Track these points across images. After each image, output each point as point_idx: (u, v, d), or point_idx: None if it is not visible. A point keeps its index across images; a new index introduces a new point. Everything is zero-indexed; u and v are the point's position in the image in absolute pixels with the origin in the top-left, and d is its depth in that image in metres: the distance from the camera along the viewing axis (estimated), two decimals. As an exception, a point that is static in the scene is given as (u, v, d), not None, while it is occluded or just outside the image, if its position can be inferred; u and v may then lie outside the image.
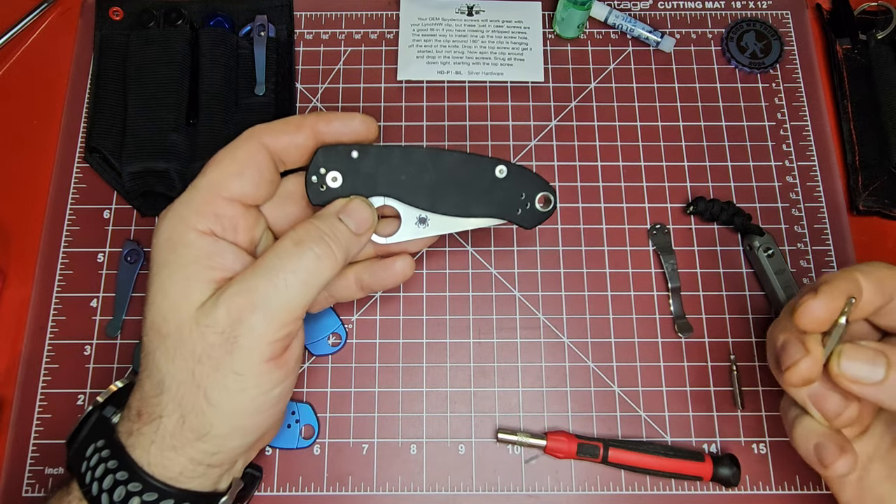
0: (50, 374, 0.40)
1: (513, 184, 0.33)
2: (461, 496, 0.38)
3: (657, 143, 0.45)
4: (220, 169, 0.29)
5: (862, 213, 0.44)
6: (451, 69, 0.47)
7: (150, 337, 0.28)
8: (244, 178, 0.29)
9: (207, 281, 0.28)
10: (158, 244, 0.29)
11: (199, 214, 0.28)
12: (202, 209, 0.29)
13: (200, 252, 0.28)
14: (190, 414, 0.27)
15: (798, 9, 0.49)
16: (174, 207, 0.29)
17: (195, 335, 0.27)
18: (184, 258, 0.28)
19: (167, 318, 0.27)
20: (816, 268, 0.43)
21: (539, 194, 0.34)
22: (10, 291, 0.42)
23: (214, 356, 0.27)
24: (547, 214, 0.34)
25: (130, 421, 0.28)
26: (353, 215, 0.31)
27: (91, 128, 0.44)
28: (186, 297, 0.27)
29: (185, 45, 0.44)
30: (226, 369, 0.27)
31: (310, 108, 0.46)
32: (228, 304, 0.27)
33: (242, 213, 0.30)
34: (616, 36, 0.48)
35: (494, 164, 0.33)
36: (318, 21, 0.49)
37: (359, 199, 0.32)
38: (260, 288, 0.27)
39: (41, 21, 0.48)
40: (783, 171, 0.45)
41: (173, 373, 0.27)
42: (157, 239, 0.29)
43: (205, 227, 0.28)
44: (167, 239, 0.28)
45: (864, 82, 0.46)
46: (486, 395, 0.40)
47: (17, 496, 0.38)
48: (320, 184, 0.32)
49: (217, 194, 0.29)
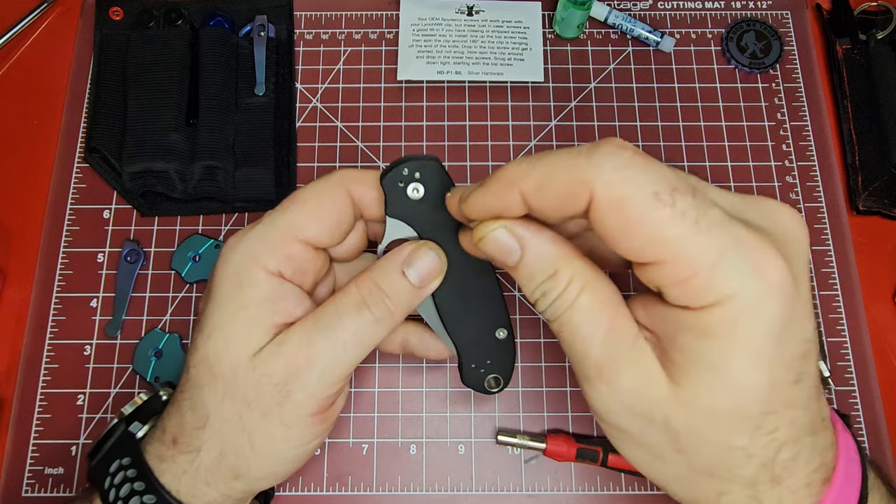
0: (50, 374, 0.40)
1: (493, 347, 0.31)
2: (461, 496, 0.38)
3: (657, 143, 0.45)
4: (304, 211, 0.28)
5: (862, 213, 0.44)
6: (451, 69, 0.47)
7: (200, 371, 0.27)
8: (324, 225, 0.28)
9: (269, 325, 0.27)
10: (224, 276, 0.27)
11: (272, 254, 0.27)
12: (276, 248, 0.27)
13: (267, 294, 0.27)
14: (230, 453, 0.27)
15: (798, 9, 0.49)
16: (246, 240, 0.28)
17: (249, 381, 0.26)
18: (249, 298, 0.27)
19: (222, 357, 0.27)
20: (816, 268, 0.43)
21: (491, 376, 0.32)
22: (10, 291, 0.42)
23: (265, 404, 0.27)
24: (484, 391, 0.32)
25: (164, 445, 0.28)
26: (419, 267, 0.28)
27: (91, 128, 0.44)
28: (246, 340, 0.27)
29: (185, 45, 0.44)
30: (274, 419, 0.27)
31: (310, 108, 0.46)
32: (288, 358, 0.26)
33: (313, 256, 0.29)
34: (616, 36, 0.48)
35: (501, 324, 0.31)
36: (318, 21, 0.49)
37: (427, 247, 0.29)
38: (319, 346, 0.27)
39: (41, 21, 0.48)
40: (783, 171, 0.45)
41: (220, 412, 0.27)
42: (223, 269, 0.28)
43: (274, 267, 0.27)
44: (235, 273, 0.27)
45: (864, 82, 0.46)
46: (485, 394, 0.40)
47: (17, 496, 0.38)
48: (402, 191, 0.28)
49: (294, 236, 0.28)
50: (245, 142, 0.43)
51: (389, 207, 0.29)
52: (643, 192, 0.20)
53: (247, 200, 0.43)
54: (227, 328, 0.27)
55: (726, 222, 0.21)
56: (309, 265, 0.29)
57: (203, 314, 0.28)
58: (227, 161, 0.42)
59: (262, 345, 0.27)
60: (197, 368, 0.27)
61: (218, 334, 0.27)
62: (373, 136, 0.46)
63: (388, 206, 0.29)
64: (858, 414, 0.40)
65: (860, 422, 0.40)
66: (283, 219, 0.28)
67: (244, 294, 0.27)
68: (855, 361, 0.41)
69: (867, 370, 0.41)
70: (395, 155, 0.45)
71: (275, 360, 0.26)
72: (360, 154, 0.45)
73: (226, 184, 0.42)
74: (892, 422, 0.40)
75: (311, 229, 0.28)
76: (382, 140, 0.45)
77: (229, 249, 0.28)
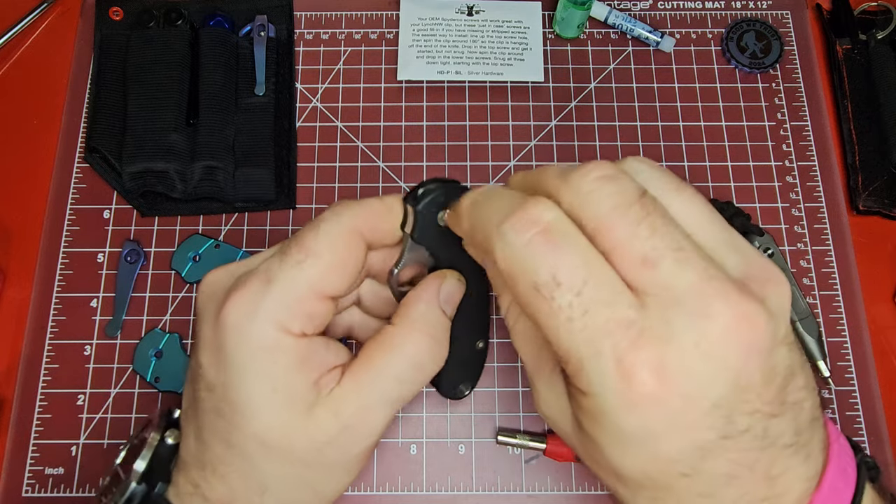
0: (50, 374, 0.40)
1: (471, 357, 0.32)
2: (461, 496, 0.38)
3: (657, 143, 0.45)
4: (322, 266, 0.26)
5: (862, 213, 0.44)
6: (451, 69, 0.47)
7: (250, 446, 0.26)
8: (345, 277, 0.27)
9: (310, 385, 0.26)
10: (248, 349, 0.25)
11: (295, 316, 0.26)
12: (298, 311, 0.26)
13: (299, 356, 0.26)
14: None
15: (798, 9, 0.49)
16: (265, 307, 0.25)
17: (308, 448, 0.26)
18: (282, 366, 0.26)
19: (273, 428, 0.26)
20: (816, 268, 0.43)
21: (463, 384, 0.33)
22: (10, 291, 0.42)
23: (328, 463, 0.27)
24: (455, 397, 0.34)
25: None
26: (452, 299, 0.29)
27: (91, 128, 0.44)
28: (293, 409, 0.26)
29: (185, 45, 0.44)
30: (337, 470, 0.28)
31: (310, 108, 0.46)
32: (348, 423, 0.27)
33: (331, 305, 0.27)
34: (616, 36, 0.48)
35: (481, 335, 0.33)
36: (318, 21, 0.49)
37: (457, 280, 0.29)
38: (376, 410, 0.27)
39: (41, 21, 0.48)
40: (783, 171, 0.45)
41: (280, 476, 0.27)
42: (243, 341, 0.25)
43: (299, 329, 0.26)
44: (260, 347, 0.25)
45: (864, 82, 0.46)
46: (486, 395, 0.40)
47: (17, 496, 0.38)
48: (433, 216, 0.27)
49: (315, 295, 0.26)
50: (245, 142, 0.43)
51: (418, 233, 0.27)
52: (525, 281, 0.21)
53: (247, 200, 0.43)
54: (272, 403, 0.26)
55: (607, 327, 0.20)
56: (330, 315, 0.28)
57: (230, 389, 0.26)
58: (227, 161, 0.42)
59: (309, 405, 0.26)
60: (246, 444, 0.26)
61: (264, 413, 0.26)
62: (373, 136, 0.46)
63: (417, 231, 0.27)
64: (858, 414, 0.40)
65: (860, 422, 0.40)
66: (301, 277, 0.26)
67: (277, 363, 0.26)
68: (855, 361, 0.41)
69: (867, 370, 0.41)
70: (396, 155, 0.45)
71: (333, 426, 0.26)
72: (360, 154, 0.45)
73: (226, 184, 0.42)
74: (892, 422, 0.40)
75: (333, 284, 0.26)
76: (382, 140, 0.45)
77: (246, 319, 0.25)
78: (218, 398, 0.26)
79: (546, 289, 0.20)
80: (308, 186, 0.44)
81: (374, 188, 0.44)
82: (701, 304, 0.19)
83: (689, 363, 0.19)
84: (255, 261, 0.28)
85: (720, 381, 0.19)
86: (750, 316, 0.20)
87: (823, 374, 0.40)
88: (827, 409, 0.40)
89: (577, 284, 0.20)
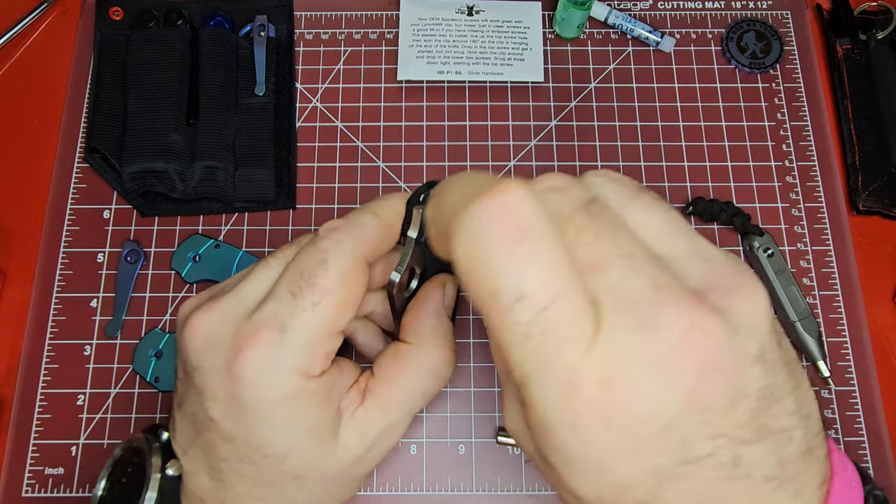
0: (50, 374, 0.40)
1: None
2: (461, 496, 0.38)
3: (657, 143, 0.45)
4: (335, 304, 0.25)
5: (862, 213, 0.44)
6: (451, 69, 0.47)
7: (281, 482, 0.26)
8: (355, 308, 0.26)
9: (334, 415, 0.27)
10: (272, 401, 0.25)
11: (315, 360, 0.25)
12: (317, 352, 0.25)
13: (322, 395, 0.26)
14: None
15: (798, 9, 0.49)
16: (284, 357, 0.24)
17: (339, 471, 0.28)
18: (308, 409, 0.26)
19: (305, 468, 0.27)
20: (816, 268, 0.43)
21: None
22: (10, 291, 0.42)
23: (353, 476, 0.29)
24: None
25: None
26: (451, 305, 0.30)
27: (91, 128, 0.44)
28: (322, 442, 0.27)
29: (185, 45, 0.44)
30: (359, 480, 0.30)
31: (310, 108, 0.46)
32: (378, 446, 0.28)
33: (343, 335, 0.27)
34: (616, 36, 0.48)
35: None
36: (318, 21, 0.49)
37: (454, 285, 0.31)
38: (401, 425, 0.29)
39: (41, 21, 0.48)
40: (783, 171, 0.45)
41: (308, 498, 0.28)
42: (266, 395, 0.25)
43: (319, 370, 0.26)
44: (285, 397, 0.25)
45: (864, 82, 0.46)
46: (486, 395, 0.40)
47: (17, 496, 0.38)
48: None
49: (330, 334, 0.26)
50: (245, 142, 0.43)
51: (423, 236, 0.27)
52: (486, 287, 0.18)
53: (247, 200, 0.43)
54: (302, 443, 0.26)
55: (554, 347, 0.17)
56: (340, 342, 0.27)
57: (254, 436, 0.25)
58: (227, 161, 0.42)
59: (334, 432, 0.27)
60: (277, 481, 0.26)
61: (294, 454, 0.26)
62: (373, 136, 0.46)
63: (423, 234, 0.27)
64: (858, 414, 0.40)
65: (860, 422, 0.40)
66: (316, 321, 0.25)
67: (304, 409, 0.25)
68: (855, 361, 0.41)
69: (867, 370, 0.41)
70: (396, 155, 0.45)
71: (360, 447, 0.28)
72: (359, 154, 0.45)
73: (226, 184, 0.42)
74: (892, 422, 0.40)
75: (345, 319, 0.26)
76: (382, 140, 0.45)
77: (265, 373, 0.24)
78: (241, 446, 0.26)
79: (506, 298, 0.17)
80: (308, 186, 0.44)
81: (374, 188, 0.44)
82: (650, 314, 0.17)
83: (637, 378, 0.17)
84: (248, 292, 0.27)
85: (672, 399, 0.17)
86: (705, 328, 0.17)
87: (823, 374, 0.40)
88: (827, 410, 0.40)
89: (544, 301, 0.17)
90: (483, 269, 0.18)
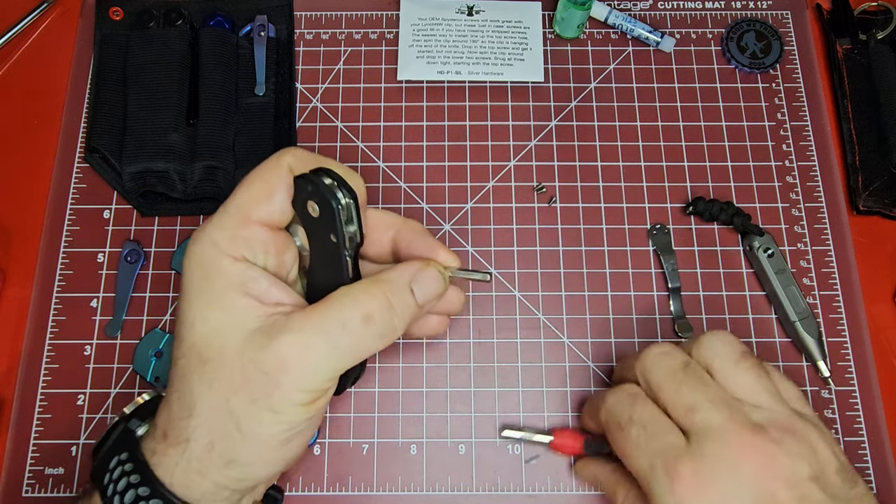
0: (50, 374, 0.40)
1: None
2: (461, 496, 0.38)
3: (657, 143, 0.45)
4: (251, 192, 0.29)
5: (862, 213, 0.44)
6: (451, 69, 0.47)
7: (188, 360, 0.27)
8: (273, 202, 0.29)
9: (246, 308, 0.27)
10: (191, 268, 0.28)
11: (232, 240, 0.28)
12: (234, 234, 0.28)
13: (236, 279, 0.28)
14: (219, 441, 0.27)
15: (798, 9, 0.49)
16: (206, 230, 0.28)
17: (236, 365, 0.27)
18: (220, 285, 0.27)
19: (210, 343, 0.27)
20: (816, 268, 0.43)
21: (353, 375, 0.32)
22: (10, 291, 0.42)
23: (252, 391, 0.27)
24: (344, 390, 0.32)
25: (155, 440, 0.28)
26: (426, 287, 0.30)
27: (91, 128, 0.44)
28: (228, 325, 0.27)
29: (185, 45, 0.44)
30: (262, 405, 0.27)
31: (310, 108, 0.46)
32: (280, 351, 0.26)
33: (272, 237, 0.29)
34: (616, 36, 0.48)
35: None
36: (318, 21, 0.49)
37: (435, 269, 0.30)
38: (315, 348, 0.27)
39: (41, 21, 0.48)
40: (783, 171, 0.45)
41: (208, 397, 0.27)
42: (188, 262, 0.28)
43: (237, 252, 0.28)
44: (199, 265, 0.28)
45: (864, 82, 0.46)
46: (486, 395, 0.40)
47: (17, 496, 0.38)
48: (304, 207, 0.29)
49: (247, 218, 0.28)
50: (245, 142, 0.43)
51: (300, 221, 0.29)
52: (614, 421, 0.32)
53: (247, 200, 0.43)
54: (208, 316, 0.27)
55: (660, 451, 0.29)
56: (270, 246, 0.29)
57: (181, 308, 0.28)
58: (227, 161, 0.42)
59: (246, 328, 0.27)
60: (186, 358, 0.28)
61: (200, 323, 0.27)
62: (373, 136, 0.46)
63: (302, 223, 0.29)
64: (858, 414, 0.40)
65: (860, 422, 0.40)
66: (232, 203, 0.29)
67: (214, 282, 0.28)
68: (855, 361, 0.41)
69: (867, 370, 0.41)
70: (396, 155, 0.45)
71: (266, 350, 0.26)
72: (360, 154, 0.45)
73: (226, 184, 0.42)
74: (892, 422, 0.40)
75: (262, 209, 0.28)
76: (382, 140, 0.45)
77: (192, 243, 0.28)
78: (177, 322, 0.29)
79: (625, 425, 0.31)
80: (308, 186, 0.44)
81: (374, 188, 0.44)
82: (724, 436, 0.28)
83: (717, 473, 0.28)
84: None
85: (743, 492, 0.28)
86: (759, 448, 0.28)
87: (823, 374, 0.40)
88: (827, 410, 0.40)
89: (643, 422, 0.31)
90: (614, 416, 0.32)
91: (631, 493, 0.33)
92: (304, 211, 0.28)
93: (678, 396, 0.30)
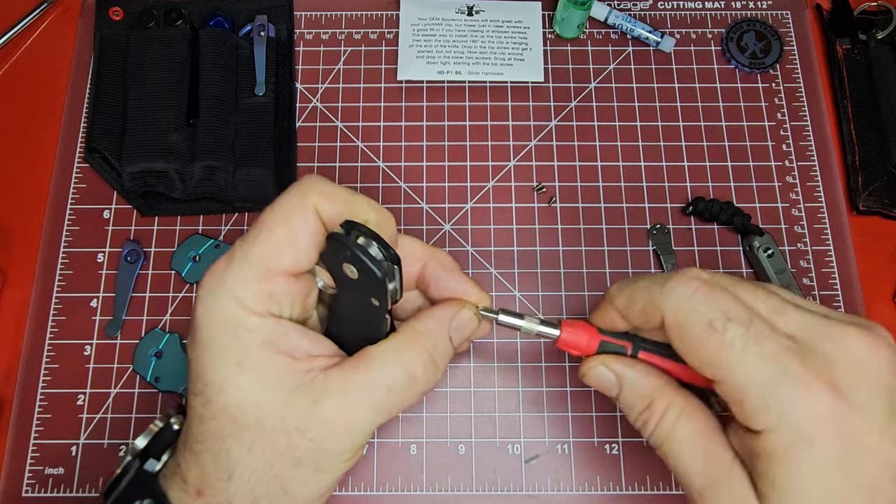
0: (50, 374, 0.40)
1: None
2: (461, 496, 0.38)
3: (657, 143, 0.45)
4: (272, 240, 0.26)
5: (862, 213, 0.44)
6: (451, 69, 0.47)
7: (220, 422, 0.26)
8: (298, 251, 0.26)
9: (280, 367, 0.26)
10: (212, 324, 0.26)
11: (257, 295, 0.26)
12: (259, 289, 0.26)
13: (265, 336, 0.26)
14: (264, 500, 0.26)
15: (798, 9, 0.49)
16: (226, 283, 0.26)
17: (280, 432, 0.25)
18: (248, 344, 0.26)
19: (244, 409, 0.26)
20: (816, 268, 0.43)
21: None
22: (10, 291, 0.42)
23: (297, 454, 0.26)
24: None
25: (188, 496, 0.26)
26: (462, 332, 0.29)
27: (91, 128, 0.44)
28: (264, 389, 0.26)
29: (185, 45, 0.44)
30: (308, 468, 0.26)
31: (310, 108, 0.46)
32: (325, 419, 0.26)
33: (297, 286, 0.27)
34: (616, 36, 0.48)
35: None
36: (318, 21, 0.49)
37: (470, 312, 0.29)
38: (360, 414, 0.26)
39: (41, 21, 0.48)
40: (783, 171, 0.45)
41: (248, 461, 0.26)
42: (208, 316, 0.26)
43: (263, 308, 0.26)
44: (223, 322, 0.26)
45: (864, 82, 0.46)
46: (486, 395, 0.40)
47: (17, 496, 0.38)
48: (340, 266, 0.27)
49: (271, 270, 0.26)
50: (245, 142, 0.43)
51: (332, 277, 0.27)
52: (699, 320, 0.25)
53: (247, 200, 0.43)
54: (239, 380, 0.26)
55: (779, 353, 0.24)
56: (295, 295, 0.27)
57: (202, 364, 0.26)
58: (227, 161, 0.42)
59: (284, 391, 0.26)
60: (217, 420, 0.26)
61: (231, 387, 0.26)
62: (373, 136, 0.46)
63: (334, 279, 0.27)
64: (858, 414, 0.40)
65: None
66: (255, 253, 0.26)
67: (243, 341, 0.26)
68: (855, 361, 0.41)
69: (867, 370, 0.41)
70: (396, 155, 0.45)
71: (310, 417, 0.26)
72: (360, 154, 0.45)
73: (226, 184, 0.42)
74: (892, 422, 0.40)
75: (286, 259, 0.26)
76: (382, 140, 0.45)
77: (210, 295, 0.26)
78: (193, 374, 0.26)
79: (719, 323, 0.24)
80: (308, 186, 0.44)
81: (374, 188, 0.44)
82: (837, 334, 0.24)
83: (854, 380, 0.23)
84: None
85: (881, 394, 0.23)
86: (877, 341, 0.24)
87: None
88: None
89: (745, 321, 0.24)
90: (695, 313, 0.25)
91: (675, 406, 0.27)
92: (339, 270, 0.26)
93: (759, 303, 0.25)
